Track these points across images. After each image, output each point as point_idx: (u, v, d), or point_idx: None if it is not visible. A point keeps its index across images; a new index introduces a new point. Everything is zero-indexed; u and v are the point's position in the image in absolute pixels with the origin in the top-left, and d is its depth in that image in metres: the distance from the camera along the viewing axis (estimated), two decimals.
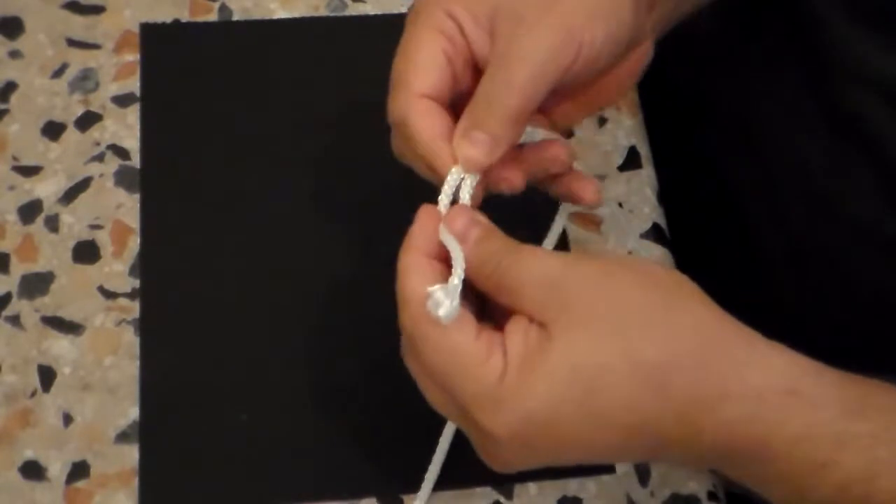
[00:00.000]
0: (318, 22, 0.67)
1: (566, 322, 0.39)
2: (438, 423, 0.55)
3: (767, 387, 0.39)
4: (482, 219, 0.43)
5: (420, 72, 0.45)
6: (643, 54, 0.48)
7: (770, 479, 0.40)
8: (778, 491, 0.41)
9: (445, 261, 0.43)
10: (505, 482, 0.55)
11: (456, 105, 0.45)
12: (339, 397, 0.57)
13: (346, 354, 0.58)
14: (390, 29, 0.67)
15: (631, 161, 0.65)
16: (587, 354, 0.39)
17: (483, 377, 0.40)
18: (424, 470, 0.54)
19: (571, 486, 0.55)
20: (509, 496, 0.55)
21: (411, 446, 0.55)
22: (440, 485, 0.54)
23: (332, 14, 0.67)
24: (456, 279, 0.41)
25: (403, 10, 0.68)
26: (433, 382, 0.42)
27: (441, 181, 0.45)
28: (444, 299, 0.41)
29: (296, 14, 0.67)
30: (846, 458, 0.39)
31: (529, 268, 0.41)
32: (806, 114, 0.57)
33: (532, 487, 0.55)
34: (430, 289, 0.41)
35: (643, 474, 0.56)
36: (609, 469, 0.56)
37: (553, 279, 0.40)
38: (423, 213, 0.44)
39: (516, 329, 0.40)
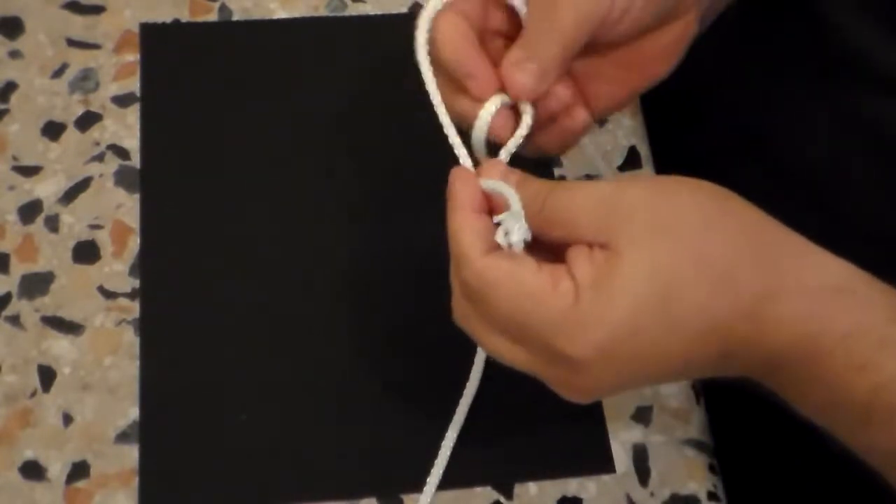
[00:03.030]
0: (318, 22, 0.67)
1: (629, 237, 0.41)
2: (438, 423, 0.55)
3: (821, 284, 0.41)
4: (515, 169, 0.45)
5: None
6: (687, 26, 0.49)
7: (811, 380, 0.41)
8: (814, 395, 0.42)
9: (490, 216, 0.44)
10: (505, 482, 0.55)
11: (491, 47, 0.47)
12: (339, 397, 0.57)
13: (346, 354, 0.58)
14: (390, 29, 0.68)
15: (631, 161, 0.65)
16: (658, 263, 0.40)
17: (557, 304, 0.41)
18: (424, 470, 0.54)
19: (571, 486, 0.55)
20: (509, 496, 0.55)
21: (411, 446, 0.55)
22: (440, 485, 0.54)
23: (332, 14, 0.67)
24: (515, 205, 0.42)
25: (404, 10, 0.68)
26: (504, 334, 0.43)
27: (464, 110, 0.46)
28: (514, 223, 0.42)
29: (296, 14, 0.67)
30: (885, 361, 0.40)
31: (580, 196, 0.42)
32: (810, 113, 0.57)
33: (532, 487, 0.55)
34: (497, 218, 0.42)
35: (643, 474, 0.56)
36: (609, 469, 0.56)
37: (607, 201, 0.42)
38: (458, 173, 0.45)
39: (578, 254, 0.42)
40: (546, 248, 0.43)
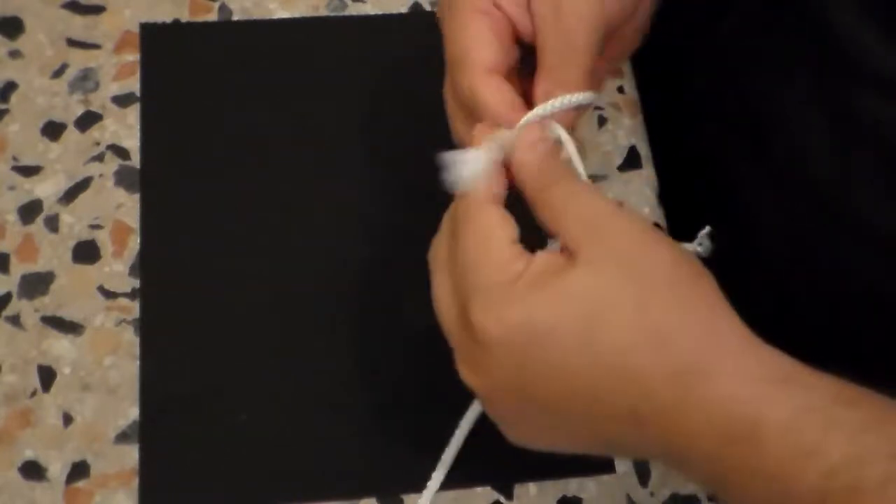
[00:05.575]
0: (318, 22, 0.67)
1: (593, 256, 0.41)
2: (438, 423, 0.55)
3: (764, 375, 0.39)
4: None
5: (478, 49, 0.47)
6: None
7: (751, 472, 0.39)
8: (756, 488, 0.39)
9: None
10: (505, 482, 0.55)
11: (511, 81, 0.48)
12: (338, 397, 0.57)
13: (346, 354, 0.58)
14: (390, 29, 0.68)
15: (631, 161, 0.65)
16: (602, 287, 0.40)
17: (501, 272, 0.41)
18: (424, 470, 0.54)
19: (571, 486, 0.55)
20: (509, 496, 0.55)
21: (411, 446, 0.55)
22: (441, 485, 0.54)
23: (332, 14, 0.67)
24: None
25: (404, 10, 0.68)
26: (448, 271, 0.43)
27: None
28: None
29: (296, 14, 0.67)
30: (834, 443, 0.38)
31: (581, 201, 0.43)
32: (810, 113, 0.57)
33: (532, 487, 0.55)
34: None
35: (643, 474, 0.56)
36: (609, 469, 0.56)
37: (598, 221, 0.42)
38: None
39: (546, 251, 0.43)
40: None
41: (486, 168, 0.44)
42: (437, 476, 0.54)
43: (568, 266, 0.41)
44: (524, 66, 0.49)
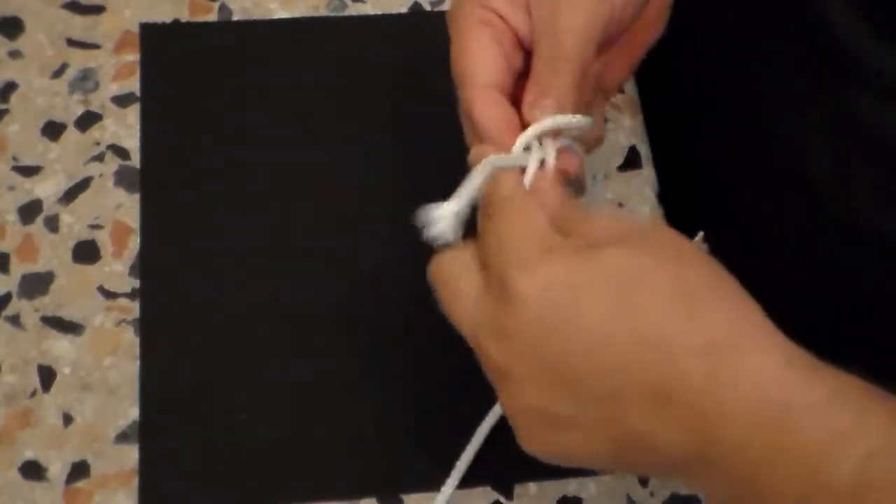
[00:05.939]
0: (318, 22, 0.67)
1: (628, 240, 0.41)
2: (439, 423, 0.55)
3: (795, 359, 0.38)
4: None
5: (476, 65, 0.47)
6: None
7: (785, 457, 0.36)
8: (790, 477, 0.36)
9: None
10: (505, 482, 0.55)
11: (515, 88, 0.48)
12: (338, 397, 0.57)
13: (346, 354, 0.58)
14: (390, 29, 0.68)
15: (631, 161, 0.65)
16: (638, 257, 0.40)
17: (542, 240, 0.41)
18: (425, 470, 0.54)
19: (571, 487, 0.55)
20: (509, 496, 0.55)
21: (411, 446, 0.55)
22: (440, 485, 0.54)
23: (332, 14, 0.67)
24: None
25: (403, 10, 0.68)
26: (472, 254, 0.43)
27: None
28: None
29: (296, 14, 0.67)
30: (871, 427, 0.35)
31: (604, 215, 0.43)
32: (809, 114, 0.57)
33: (532, 487, 0.55)
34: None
35: None
36: (609, 469, 0.56)
37: (621, 224, 0.42)
38: (504, 172, 0.45)
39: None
40: None
41: (455, 225, 0.43)
42: (452, 482, 0.54)
43: (606, 242, 0.41)
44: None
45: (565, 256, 0.40)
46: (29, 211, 0.60)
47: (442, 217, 0.43)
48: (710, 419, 0.37)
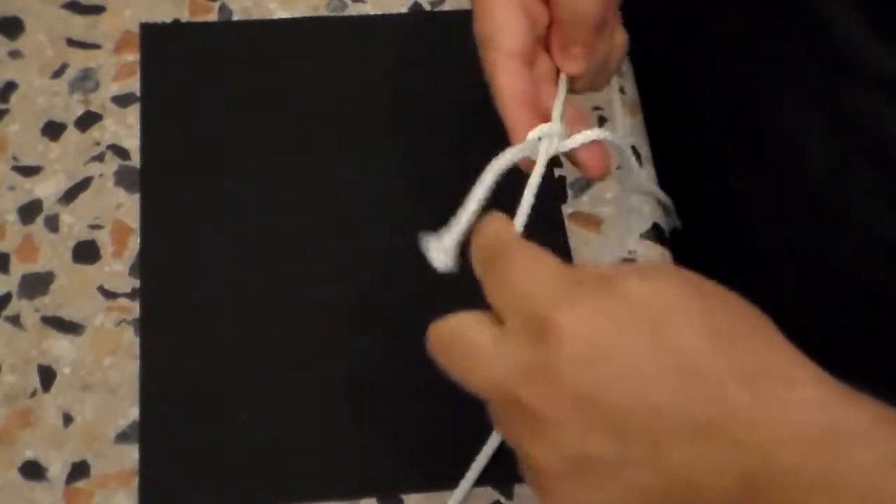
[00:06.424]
0: (318, 22, 0.67)
1: (645, 273, 0.40)
2: (439, 423, 0.55)
3: (832, 384, 0.38)
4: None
5: (500, 28, 0.47)
6: None
7: (839, 483, 0.36)
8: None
9: None
10: (505, 482, 0.55)
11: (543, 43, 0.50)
12: (338, 397, 0.57)
13: (346, 354, 0.58)
14: (390, 29, 0.68)
15: None
16: (662, 291, 0.39)
17: (563, 277, 0.40)
18: (425, 470, 0.54)
19: None
20: (509, 496, 0.55)
21: (412, 446, 0.55)
22: (441, 484, 0.54)
23: (332, 14, 0.67)
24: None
25: (404, 10, 0.68)
26: (491, 293, 0.41)
27: (514, 142, 0.47)
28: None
29: (296, 14, 0.67)
30: None
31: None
32: (809, 114, 0.57)
33: None
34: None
35: None
36: None
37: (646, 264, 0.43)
38: (492, 219, 0.44)
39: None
40: None
41: (456, 255, 0.43)
42: (465, 485, 0.54)
43: (625, 274, 0.40)
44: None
45: (595, 289, 0.39)
46: (29, 211, 0.60)
47: (443, 249, 0.43)
48: (760, 447, 0.37)
